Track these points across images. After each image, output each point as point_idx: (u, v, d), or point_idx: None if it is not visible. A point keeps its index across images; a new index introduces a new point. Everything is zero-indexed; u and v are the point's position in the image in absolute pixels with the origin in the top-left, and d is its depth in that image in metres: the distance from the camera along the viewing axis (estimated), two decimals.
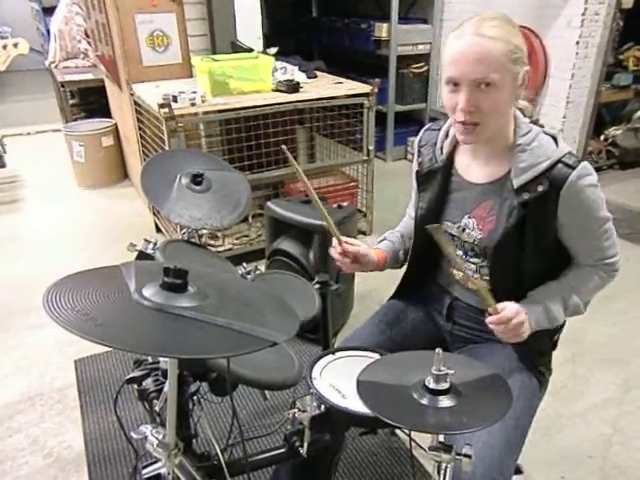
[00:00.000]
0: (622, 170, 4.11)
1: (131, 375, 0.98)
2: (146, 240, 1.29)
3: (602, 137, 4.08)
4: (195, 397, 1.09)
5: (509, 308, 1.05)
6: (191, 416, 1.11)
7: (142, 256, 1.26)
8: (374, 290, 2.61)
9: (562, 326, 1.25)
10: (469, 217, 1.18)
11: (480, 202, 1.16)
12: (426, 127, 1.29)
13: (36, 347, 2.30)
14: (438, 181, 1.21)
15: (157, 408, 0.96)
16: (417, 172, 1.26)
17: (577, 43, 3.12)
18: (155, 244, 1.29)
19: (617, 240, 1.15)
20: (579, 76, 3.23)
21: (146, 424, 0.91)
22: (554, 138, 1.10)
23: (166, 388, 0.93)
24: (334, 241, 1.20)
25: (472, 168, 1.18)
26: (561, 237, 1.11)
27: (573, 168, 1.04)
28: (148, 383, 0.98)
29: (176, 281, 0.69)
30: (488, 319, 1.05)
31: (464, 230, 1.19)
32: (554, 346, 1.29)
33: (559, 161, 1.05)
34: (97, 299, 0.63)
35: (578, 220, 1.09)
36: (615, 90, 3.99)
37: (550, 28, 3.23)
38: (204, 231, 1.50)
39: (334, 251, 1.20)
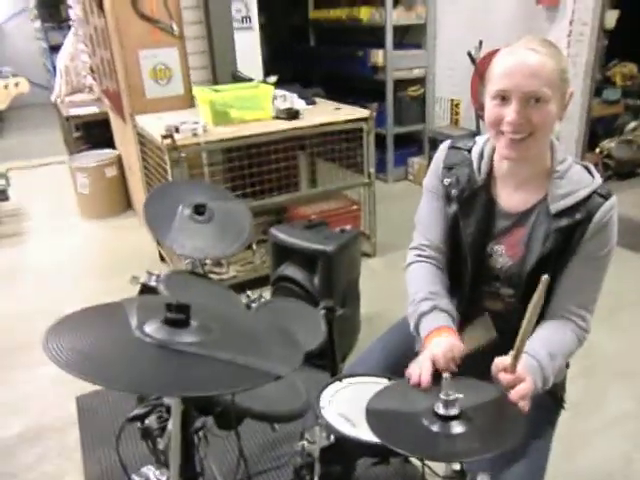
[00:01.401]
0: (619, 181, 4.15)
1: (133, 413, 0.96)
2: (149, 272, 1.28)
3: (597, 150, 4.14)
4: (200, 432, 1.07)
5: (527, 385, 0.94)
6: (197, 452, 1.09)
7: (145, 289, 1.26)
8: (381, 311, 2.59)
9: None
10: (497, 243, 1.15)
11: (512, 230, 1.14)
12: (448, 145, 1.23)
13: (36, 384, 2.22)
14: (481, 203, 1.16)
15: (161, 447, 0.94)
16: (458, 195, 1.17)
17: None
18: (158, 276, 1.29)
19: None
20: None
21: (149, 465, 0.89)
22: (587, 168, 1.11)
23: (170, 426, 0.91)
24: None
25: (504, 195, 1.15)
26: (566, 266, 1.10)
27: (606, 198, 1.06)
28: (151, 421, 0.96)
29: (178, 316, 0.68)
30: (503, 377, 0.94)
31: (491, 256, 1.16)
32: (567, 364, 1.25)
33: (595, 191, 1.06)
34: (98, 337, 0.63)
35: (591, 251, 1.07)
36: (606, 105, 4.15)
37: None
38: (208, 260, 1.50)
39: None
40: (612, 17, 3.48)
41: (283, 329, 0.83)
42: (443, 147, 1.24)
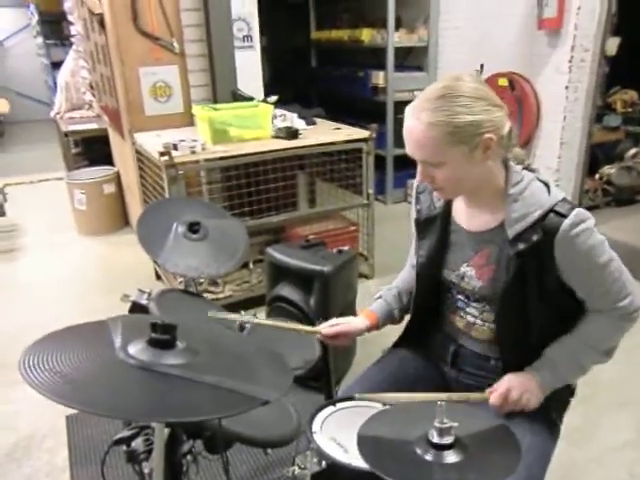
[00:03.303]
0: (618, 207, 4.17)
1: (119, 435, 0.93)
2: (140, 290, 1.26)
3: (597, 176, 4.17)
4: (190, 456, 1.03)
5: (495, 394, 1.09)
6: (186, 476, 1.05)
7: (136, 307, 1.23)
8: (377, 335, 2.53)
9: None
10: (467, 265, 1.16)
11: (477, 251, 1.14)
12: None
13: (27, 402, 2.17)
14: (437, 228, 1.19)
15: (147, 470, 0.91)
16: (416, 220, 1.24)
17: (567, 87, 3.24)
18: (149, 294, 1.27)
19: (630, 279, 1.10)
20: (571, 118, 3.33)
21: None
22: (547, 185, 1.08)
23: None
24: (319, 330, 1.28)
25: (468, 215, 1.17)
26: (566, 282, 1.08)
27: (565, 216, 1.01)
28: (137, 443, 0.92)
29: (164, 337, 0.66)
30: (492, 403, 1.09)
31: (463, 278, 1.17)
32: (572, 393, 1.24)
33: (551, 210, 1.03)
34: (79, 359, 0.60)
35: (578, 267, 1.05)
36: (606, 131, 4.19)
37: (540, 74, 3.36)
38: (202, 279, 1.48)
39: (321, 337, 1.29)
40: (613, 44, 3.54)
41: (273, 352, 0.81)
42: None
